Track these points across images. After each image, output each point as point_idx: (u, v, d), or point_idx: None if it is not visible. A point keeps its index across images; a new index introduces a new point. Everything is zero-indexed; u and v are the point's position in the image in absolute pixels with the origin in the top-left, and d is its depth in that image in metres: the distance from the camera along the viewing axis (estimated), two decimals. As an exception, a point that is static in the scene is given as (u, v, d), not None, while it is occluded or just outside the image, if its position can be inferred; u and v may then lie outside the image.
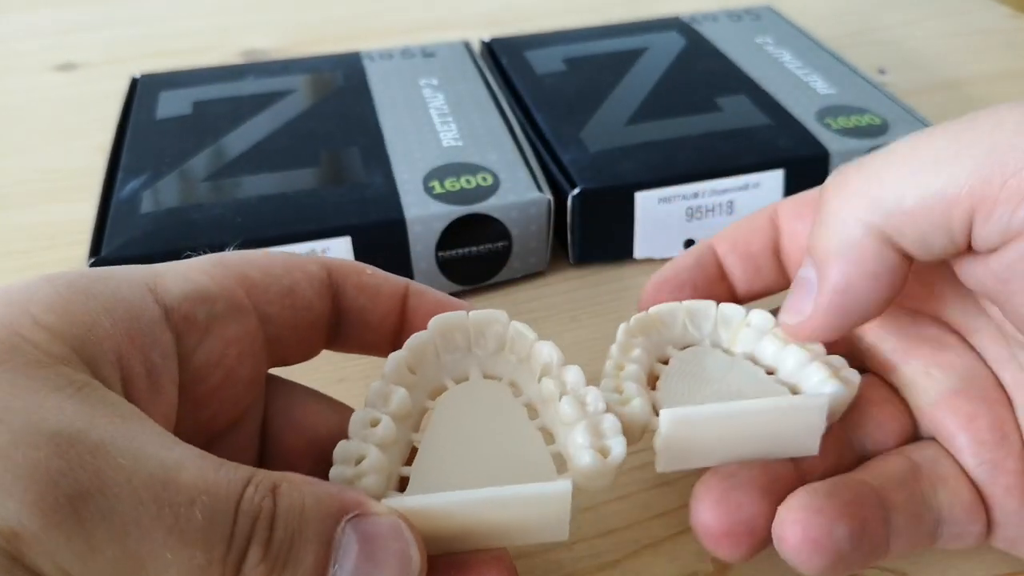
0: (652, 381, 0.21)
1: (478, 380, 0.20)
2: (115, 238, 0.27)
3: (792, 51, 0.38)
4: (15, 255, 0.33)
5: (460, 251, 0.29)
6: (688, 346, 0.22)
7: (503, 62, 0.38)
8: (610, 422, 0.19)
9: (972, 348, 0.21)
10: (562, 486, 0.17)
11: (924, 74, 0.45)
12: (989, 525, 0.20)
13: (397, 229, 0.28)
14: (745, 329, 0.22)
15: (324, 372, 0.25)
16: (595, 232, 0.31)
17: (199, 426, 0.18)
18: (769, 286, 0.23)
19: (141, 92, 0.36)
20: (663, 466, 0.19)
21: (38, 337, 0.15)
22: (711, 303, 0.22)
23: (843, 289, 0.19)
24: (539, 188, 0.30)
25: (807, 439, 0.19)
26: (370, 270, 0.21)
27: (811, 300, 0.19)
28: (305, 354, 0.20)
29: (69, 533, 0.13)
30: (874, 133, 0.32)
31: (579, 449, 0.18)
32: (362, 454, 0.18)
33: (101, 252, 0.27)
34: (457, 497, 0.17)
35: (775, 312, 0.22)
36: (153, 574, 0.14)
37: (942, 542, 0.20)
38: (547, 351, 0.20)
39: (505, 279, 0.31)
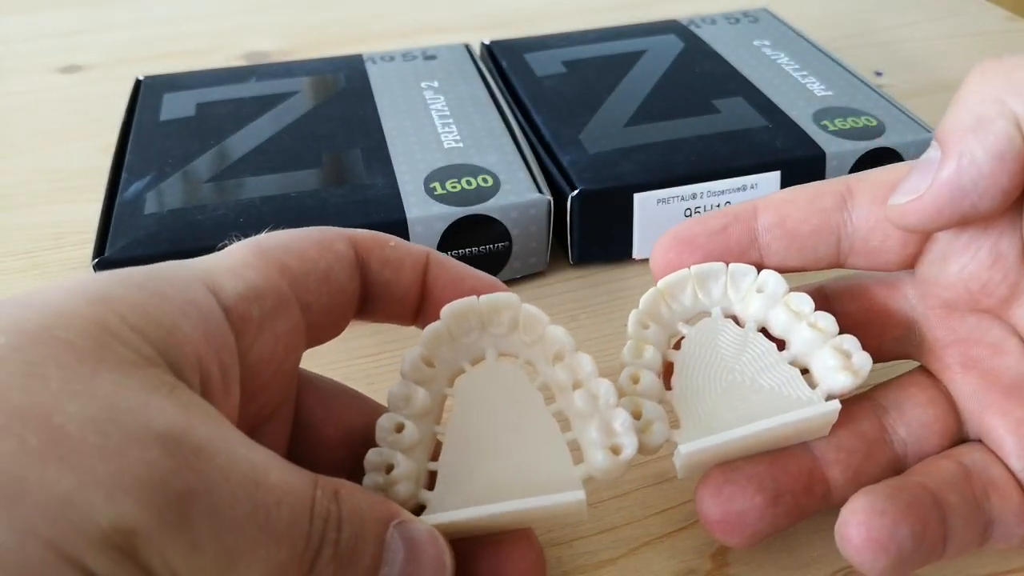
0: (668, 370, 0.21)
1: (493, 361, 0.21)
2: (119, 239, 0.28)
3: (789, 53, 0.39)
4: (19, 255, 0.34)
5: (461, 251, 0.30)
6: (699, 315, 0.22)
7: (503, 64, 0.38)
8: (622, 419, 0.19)
9: None
10: (576, 496, 0.18)
11: (920, 76, 0.45)
12: None
13: (399, 230, 0.28)
14: (756, 294, 0.21)
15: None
16: (594, 233, 0.31)
17: (246, 420, 0.18)
18: (807, 265, 0.22)
19: (145, 94, 0.36)
20: (682, 476, 0.20)
21: (128, 338, 0.15)
22: (720, 265, 0.22)
23: (966, 166, 0.18)
24: (539, 189, 0.30)
25: (819, 431, 0.20)
26: (393, 241, 0.21)
27: (930, 177, 0.19)
28: (334, 333, 0.21)
29: (178, 531, 0.13)
30: (870, 135, 0.32)
31: (592, 447, 0.19)
32: (391, 462, 0.19)
33: (105, 253, 0.27)
34: (479, 511, 0.18)
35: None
36: (243, 570, 0.14)
37: (991, 543, 0.20)
38: (560, 336, 0.20)
39: (505, 279, 0.31)
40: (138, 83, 0.37)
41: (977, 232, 0.20)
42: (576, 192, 0.30)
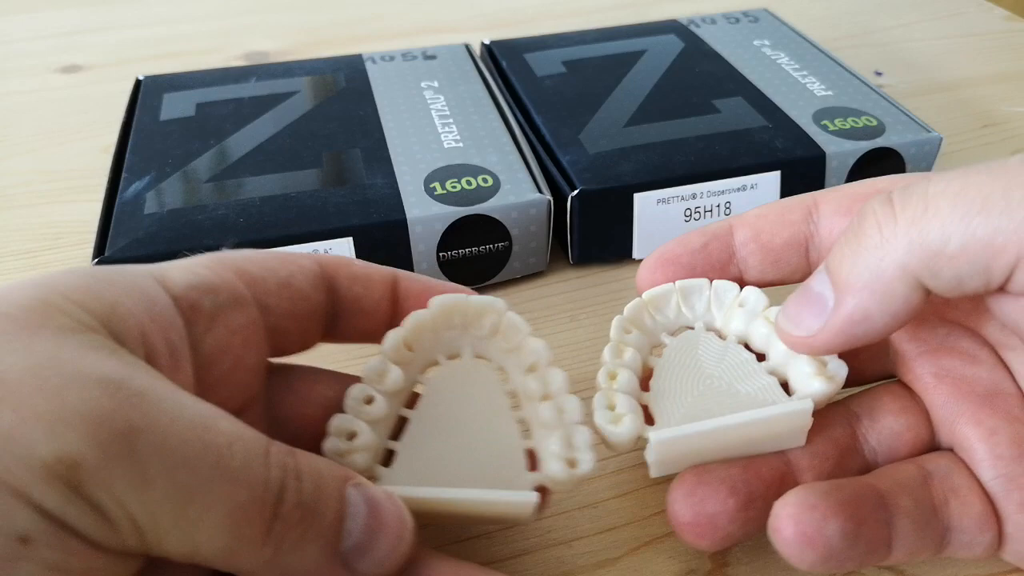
0: (647, 375, 0.22)
1: (469, 359, 0.21)
2: (119, 239, 0.28)
3: (789, 53, 0.39)
4: (19, 255, 0.34)
5: (461, 251, 0.30)
6: (682, 328, 0.22)
7: (503, 64, 0.38)
8: (583, 436, 0.20)
9: (1004, 365, 0.21)
10: (527, 497, 0.19)
11: (920, 76, 0.45)
12: (1000, 538, 0.20)
13: (399, 230, 0.28)
14: (738, 309, 0.22)
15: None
16: (594, 233, 0.31)
17: None
18: (785, 278, 0.23)
19: (145, 94, 0.36)
20: (655, 473, 0.20)
21: (70, 309, 0.15)
22: (704, 281, 0.22)
23: (859, 320, 0.19)
24: (539, 189, 0.30)
25: (794, 436, 0.20)
26: (359, 262, 0.22)
27: (821, 319, 0.19)
28: (304, 343, 0.21)
29: (125, 465, 0.13)
30: (870, 135, 0.32)
31: (551, 457, 0.19)
32: (354, 430, 0.19)
33: (105, 252, 0.27)
34: (429, 492, 0.19)
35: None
36: (201, 508, 0.14)
37: (951, 550, 0.20)
38: (538, 348, 0.21)
39: (505, 279, 0.31)
40: (138, 83, 0.37)
41: None
42: (576, 192, 0.30)
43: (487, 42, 0.41)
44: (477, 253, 0.30)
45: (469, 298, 0.21)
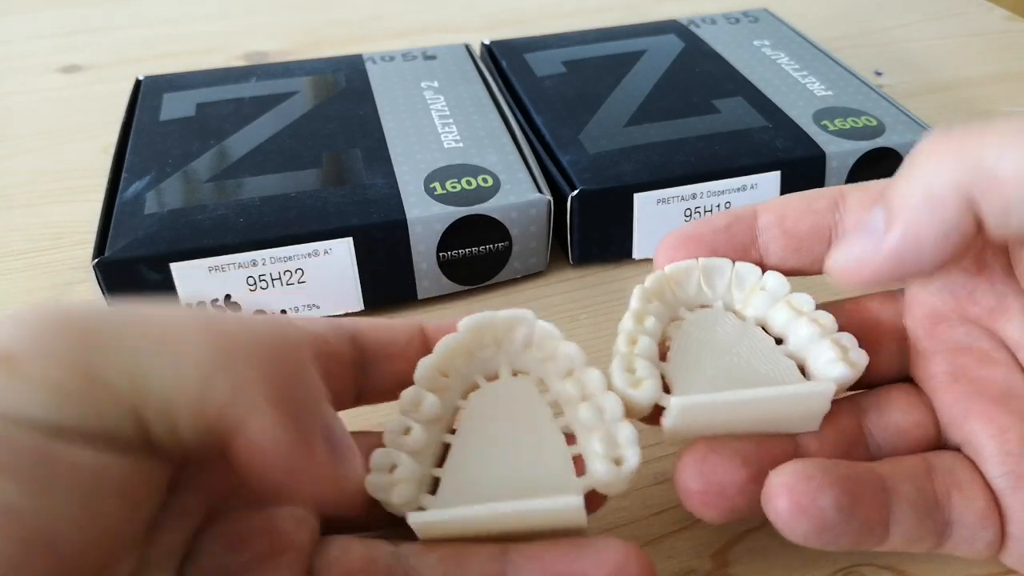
0: (664, 346, 0.21)
1: (507, 377, 0.21)
2: (119, 239, 0.28)
3: (789, 53, 0.39)
4: (19, 255, 0.34)
5: (461, 252, 0.30)
6: (701, 306, 0.22)
7: (503, 64, 0.38)
8: (626, 432, 0.19)
9: (1022, 367, 0.21)
10: (569, 501, 0.18)
11: (920, 76, 0.45)
12: (1003, 538, 0.20)
13: (399, 230, 0.28)
14: (759, 292, 0.22)
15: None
16: (594, 233, 0.31)
17: None
18: (805, 267, 0.22)
19: (145, 94, 0.36)
20: (669, 439, 0.20)
21: None
22: (727, 261, 0.22)
23: (911, 243, 0.18)
24: (539, 189, 0.30)
25: (810, 420, 0.20)
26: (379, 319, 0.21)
27: (874, 246, 0.19)
28: (338, 401, 0.20)
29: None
30: (870, 135, 0.32)
31: (595, 458, 0.19)
32: (395, 462, 0.19)
33: (105, 253, 0.27)
34: (475, 510, 0.18)
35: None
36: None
37: (951, 545, 0.20)
38: (571, 352, 0.20)
39: (505, 279, 0.31)
40: (138, 83, 0.37)
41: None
42: (576, 192, 0.30)
43: (487, 42, 0.41)
44: (477, 253, 0.30)
45: (496, 313, 0.21)
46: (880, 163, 0.32)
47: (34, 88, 0.46)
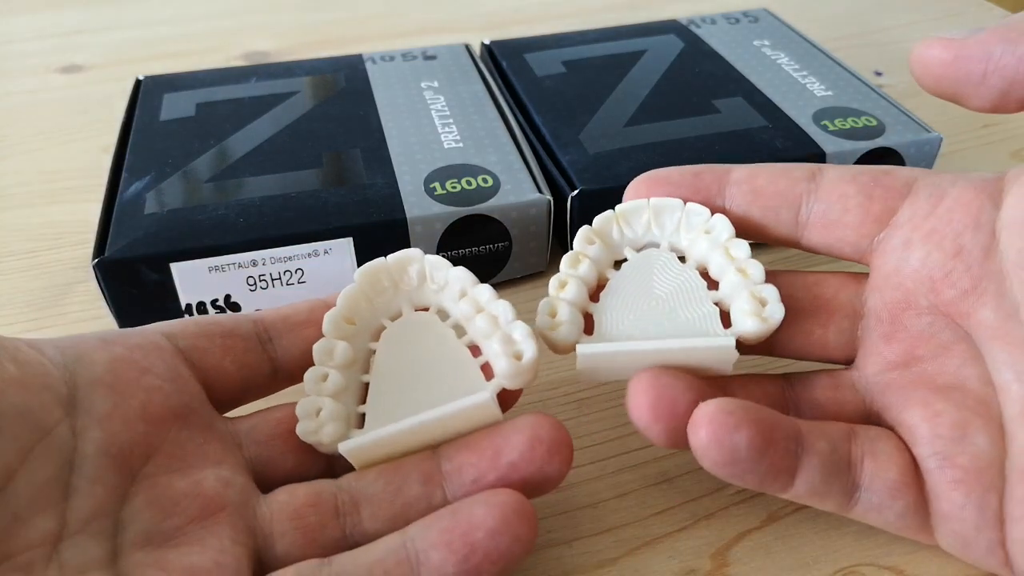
0: (601, 285, 0.23)
1: (409, 313, 0.23)
2: (119, 239, 0.28)
3: (789, 54, 0.39)
4: (19, 255, 0.34)
5: (461, 251, 0.30)
6: (648, 245, 0.23)
7: (503, 64, 0.38)
8: (520, 329, 0.21)
9: (982, 360, 0.21)
10: (481, 397, 0.20)
11: (921, 76, 0.45)
12: (930, 516, 0.20)
13: (399, 230, 0.28)
14: (704, 236, 0.23)
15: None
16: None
17: None
18: (767, 226, 0.23)
19: (145, 94, 0.36)
20: (581, 377, 0.22)
21: None
22: (678, 202, 0.23)
23: (1004, 38, 0.20)
24: (539, 189, 0.30)
25: (720, 368, 0.21)
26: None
27: (966, 37, 0.20)
28: (253, 380, 0.23)
29: None
30: (870, 135, 0.32)
31: (497, 358, 0.21)
32: (318, 407, 0.21)
33: (105, 253, 0.27)
34: (401, 425, 0.20)
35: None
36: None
37: (860, 510, 0.20)
38: (461, 275, 0.22)
39: (505, 279, 0.31)
40: (138, 83, 0.37)
41: (940, 223, 0.21)
42: (576, 192, 0.30)
43: (487, 42, 0.41)
44: (477, 253, 0.30)
45: (387, 258, 0.23)
46: (880, 163, 0.32)
47: (34, 88, 0.46)
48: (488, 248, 0.30)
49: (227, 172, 0.31)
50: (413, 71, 0.38)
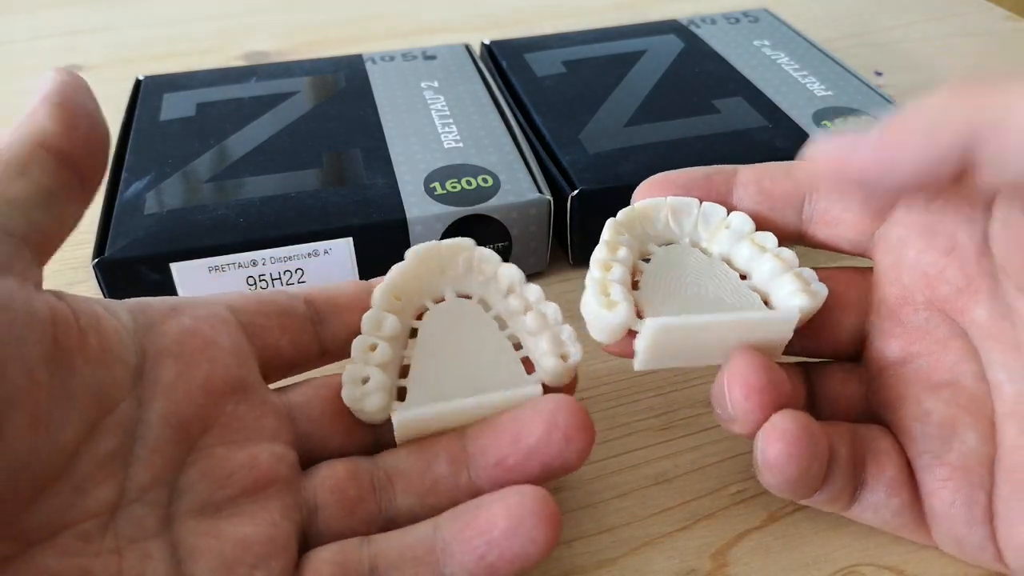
0: (634, 278, 0.23)
1: (453, 299, 0.23)
2: (119, 239, 0.28)
3: (789, 53, 0.39)
4: (20, 255, 0.33)
5: (461, 251, 0.30)
6: (668, 243, 0.23)
7: (503, 64, 0.38)
8: (568, 332, 0.22)
9: (978, 356, 0.21)
10: (533, 390, 0.21)
11: (920, 76, 0.45)
12: (926, 518, 0.20)
13: (399, 230, 0.28)
14: (724, 230, 0.23)
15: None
16: (594, 233, 0.31)
17: None
18: (775, 228, 0.23)
19: (145, 94, 0.36)
20: (640, 366, 0.21)
21: None
22: (694, 200, 0.23)
23: (896, 145, 0.18)
24: (539, 189, 0.30)
25: (773, 349, 0.21)
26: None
27: (860, 141, 0.19)
28: (307, 356, 0.23)
29: None
30: (870, 135, 0.32)
31: (544, 355, 0.21)
32: (366, 375, 0.21)
33: (105, 253, 0.27)
34: (445, 406, 0.21)
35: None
36: None
37: (859, 508, 0.21)
38: (510, 272, 0.23)
39: (505, 279, 0.31)
40: (138, 83, 0.37)
41: (934, 220, 0.21)
42: (576, 192, 0.30)
43: (487, 42, 0.41)
44: (477, 253, 0.30)
45: (440, 242, 0.23)
46: (880, 163, 0.32)
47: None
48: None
49: (227, 172, 0.31)
50: (413, 71, 0.38)
